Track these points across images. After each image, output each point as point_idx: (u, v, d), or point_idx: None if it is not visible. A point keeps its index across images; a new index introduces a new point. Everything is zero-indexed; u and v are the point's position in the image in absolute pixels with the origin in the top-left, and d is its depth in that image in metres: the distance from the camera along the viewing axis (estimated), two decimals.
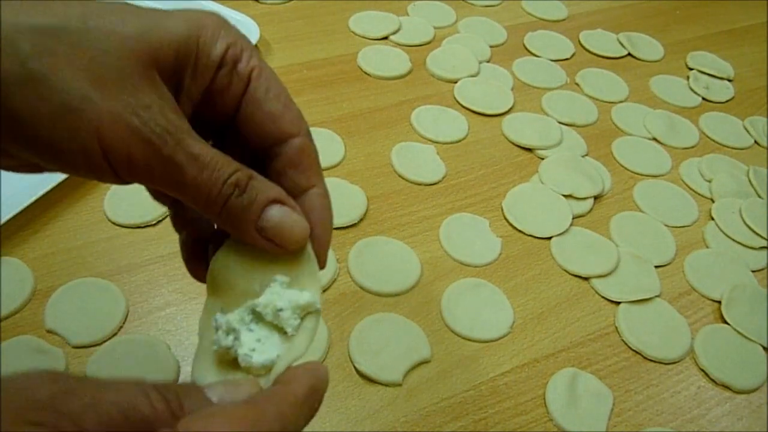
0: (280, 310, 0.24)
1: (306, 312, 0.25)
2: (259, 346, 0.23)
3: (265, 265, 0.25)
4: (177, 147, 0.22)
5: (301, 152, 0.26)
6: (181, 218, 0.29)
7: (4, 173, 0.50)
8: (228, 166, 0.23)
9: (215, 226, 0.29)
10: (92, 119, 0.21)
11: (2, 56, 0.20)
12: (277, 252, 0.25)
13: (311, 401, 0.22)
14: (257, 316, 0.24)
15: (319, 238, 0.26)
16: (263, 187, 0.24)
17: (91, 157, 0.22)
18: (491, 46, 0.74)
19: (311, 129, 0.27)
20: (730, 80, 0.76)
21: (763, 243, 0.56)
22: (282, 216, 0.24)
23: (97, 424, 0.18)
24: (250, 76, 0.25)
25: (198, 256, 0.29)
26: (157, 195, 0.29)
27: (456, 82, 0.67)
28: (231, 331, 0.23)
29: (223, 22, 0.25)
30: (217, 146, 0.26)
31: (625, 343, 0.47)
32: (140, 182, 0.23)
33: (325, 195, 0.27)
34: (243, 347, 0.23)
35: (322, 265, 0.26)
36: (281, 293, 0.24)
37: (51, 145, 0.21)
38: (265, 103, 0.25)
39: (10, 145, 0.22)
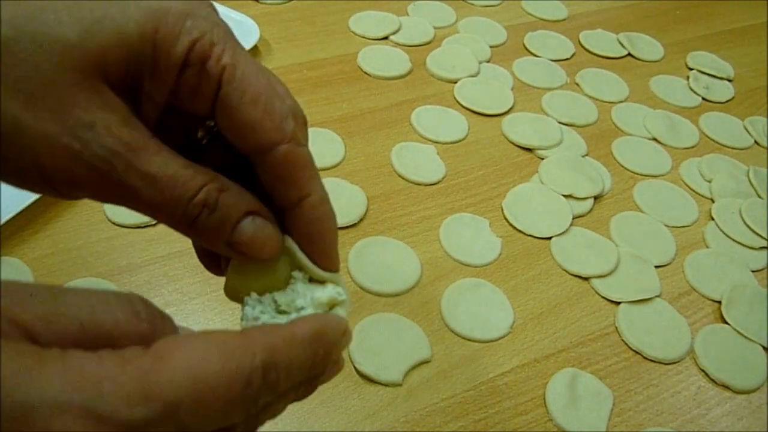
0: (302, 308, 0.23)
1: (332, 305, 0.24)
2: None
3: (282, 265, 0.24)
4: (128, 169, 0.20)
5: (286, 163, 0.22)
6: None
7: None
8: (192, 180, 0.21)
9: None
10: (26, 145, 0.19)
11: None
12: (247, 261, 0.23)
13: (314, 345, 0.20)
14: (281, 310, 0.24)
15: (324, 251, 0.24)
16: (234, 201, 0.22)
17: (36, 183, 0.20)
18: (491, 46, 0.74)
19: (311, 129, 0.26)
20: (730, 80, 0.76)
21: (763, 243, 0.56)
22: (254, 231, 0.22)
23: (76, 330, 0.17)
24: (221, 77, 0.21)
25: (209, 251, 0.27)
26: None
27: (456, 82, 0.67)
28: (260, 314, 0.23)
29: (189, 10, 0.21)
30: (202, 143, 0.25)
31: (625, 343, 0.47)
32: (99, 200, 0.22)
33: (322, 201, 0.24)
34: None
35: (335, 270, 0.25)
36: (301, 290, 0.24)
37: None
38: (240, 110, 0.21)
39: None
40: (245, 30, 0.65)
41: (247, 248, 0.22)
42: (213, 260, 0.28)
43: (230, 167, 0.24)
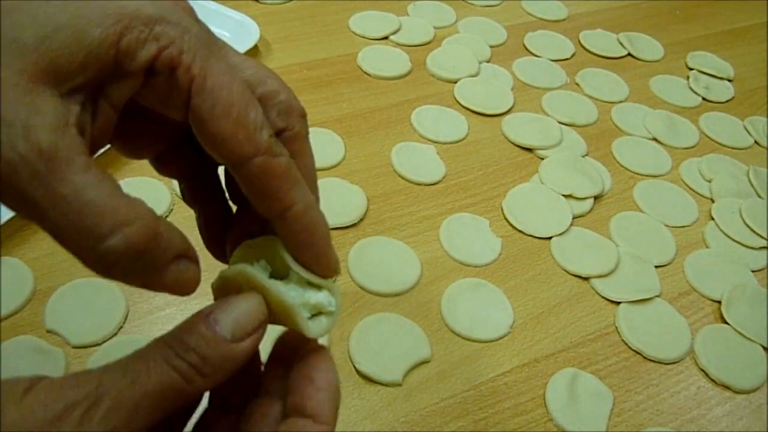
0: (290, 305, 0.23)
1: (317, 312, 0.24)
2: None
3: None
4: (33, 181, 0.18)
5: (262, 175, 0.21)
6: (192, 194, 0.27)
7: None
8: (114, 214, 0.18)
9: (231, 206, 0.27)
10: None
11: None
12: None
13: None
14: None
15: (316, 258, 0.23)
16: (162, 248, 0.20)
17: None
18: (491, 46, 0.74)
19: (311, 130, 0.26)
20: (730, 80, 0.76)
21: (763, 243, 0.56)
22: (180, 273, 0.21)
23: (144, 423, 0.19)
24: (190, 88, 0.20)
25: (215, 237, 0.27)
26: (162, 167, 0.27)
27: (456, 82, 0.67)
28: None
29: (158, 16, 0.20)
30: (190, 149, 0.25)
31: (625, 343, 0.47)
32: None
33: (307, 210, 0.23)
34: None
35: (333, 274, 0.24)
36: (295, 286, 0.24)
37: None
38: (211, 123, 0.20)
39: None
40: (245, 30, 0.65)
41: (174, 288, 0.22)
42: (220, 248, 0.27)
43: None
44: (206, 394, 0.25)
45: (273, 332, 0.24)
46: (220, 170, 0.26)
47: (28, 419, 0.17)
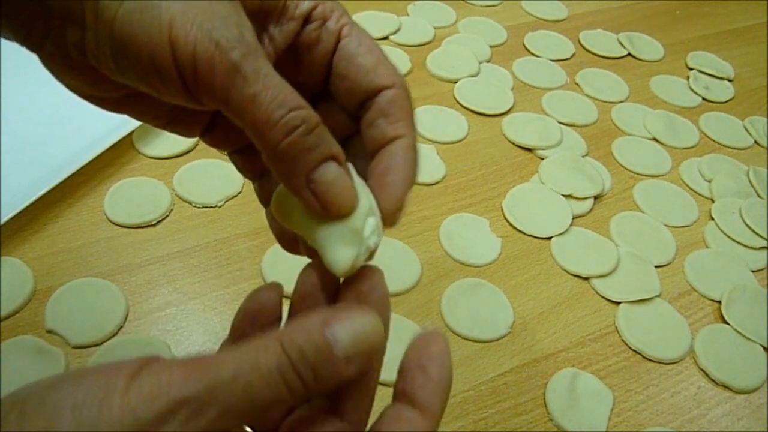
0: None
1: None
2: None
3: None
4: (245, 57, 0.21)
5: (393, 102, 0.25)
6: (266, 192, 0.28)
7: (4, 174, 0.50)
8: (298, 98, 0.22)
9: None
10: (166, 16, 0.21)
11: None
12: (316, 211, 0.23)
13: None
14: None
15: (392, 186, 0.24)
16: (329, 138, 0.22)
17: (160, 54, 0.21)
18: (491, 46, 0.74)
19: None
20: (730, 80, 0.76)
21: (763, 243, 0.56)
22: (337, 176, 0.22)
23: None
24: (340, 31, 0.25)
25: (289, 236, 0.28)
26: (243, 165, 0.29)
27: (456, 82, 0.67)
28: None
29: None
30: None
31: (625, 343, 0.47)
32: (203, 94, 0.22)
33: (411, 147, 0.25)
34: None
35: (389, 222, 0.25)
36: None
37: (127, 41, 0.21)
38: (358, 57, 0.25)
39: (98, 47, 0.22)
40: None
41: (324, 190, 0.22)
42: (292, 242, 0.28)
43: None
44: None
45: None
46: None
47: (130, 416, 0.17)
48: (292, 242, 0.28)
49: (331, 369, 0.19)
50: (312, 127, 0.22)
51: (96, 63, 0.23)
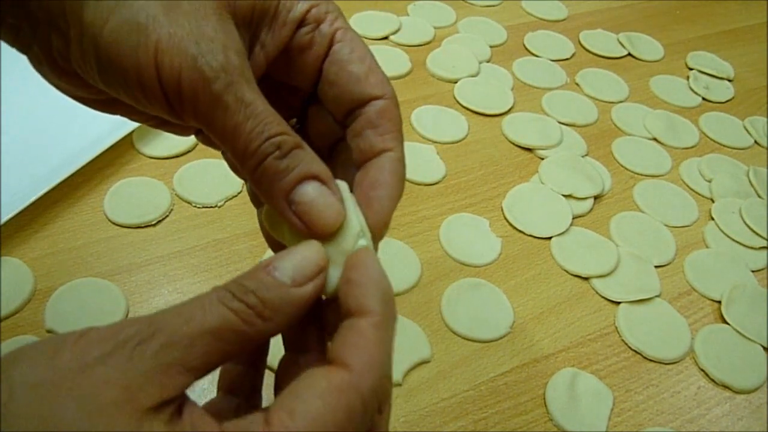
0: None
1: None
2: None
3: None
4: (228, 87, 0.21)
5: (382, 114, 0.25)
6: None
7: (4, 174, 0.50)
8: (277, 125, 0.22)
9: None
10: (152, 37, 0.21)
11: None
12: (301, 231, 0.23)
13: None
14: None
15: (379, 202, 0.24)
16: (307, 159, 0.23)
17: (145, 76, 0.21)
18: (491, 46, 0.74)
19: None
20: (730, 80, 0.76)
21: (763, 243, 0.56)
22: (317, 195, 0.23)
23: (201, 362, 0.19)
24: (333, 36, 0.25)
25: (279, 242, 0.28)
26: (236, 165, 0.29)
27: (456, 82, 0.67)
28: None
29: None
30: (298, 123, 0.27)
31: (625, 343, 0.47)
32: (187, 116, 0.23)
33: (399, 161, 0.25)
34: None
35: (376, 237, 0.24)
36: None
37: (113, 59, 0.22)
38: (349, 64, 0.25)
39: (82, 59, 0.22)
40: None
41: (304, 211, 0.22)
42: (282, 248, 0.28)
43: None
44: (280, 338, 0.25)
45: None
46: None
47: (81, 357, 0.18)
48: (282, 248, 0.28)
49: (277, 292, 0.20)
50: (287, 150, 0.22)
51: (81, 72, 0.23)
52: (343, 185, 0.24)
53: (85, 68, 0.23)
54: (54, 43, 0.23)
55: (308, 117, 0.28)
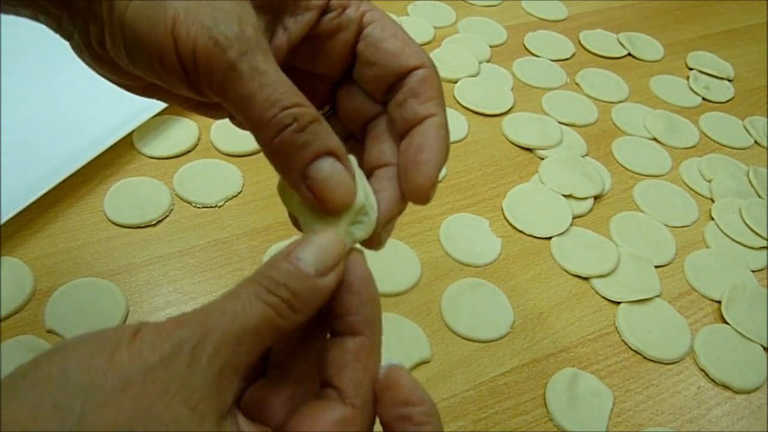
0: None
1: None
2: None
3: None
4: (242, 56, 0.21)
5: (423, 82, 0.25)
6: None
7: (4, 174, 0.50)
8: (293, 96, 0.22)
9: None
10: (170, 12, 0.21)
11: None
12: (313, 205, 0.23)
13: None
14: None
15: (426, 165, 0.24)
16: (324, 134, 0.23)
17: (164, 50, 0.22)
18: (491, 46, 0.74)
19: None
20: (730, 80, 0.76)
21: (763, 243, 0.56)
22: (332, 172, 0.23)
23: (244, 362, 0.20)
24: (362, 19, 0.25)
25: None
26: None
27: (456, 82, 0.67)
28: None
29: None
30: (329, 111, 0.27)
31: (625, 343, 0.47)
32: (204, 87, 0.23)
33: (443, 126, 0.25)
34: None
35: (423, 199, 0.25)
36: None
37: (136, 37, 0.22)
38: (384, 42, 0.25)
39: (113, 44, 0.23)
40: None
41: (319, 186, 0.23)
42: (296, 220, 0.28)
43: None
44: None
45: None
46: None
47: (139, 361, 0.18)
48: (296, 220, 0.28)
49: (305, 284, 0.21)
50: (304, 124, 0.22)
51: (115, 58, 0.24)
52: (353, 160, 0.24)
53: (116, 53, 0.23)
54: (92, 31, 0.24)
55: (338, 101, 0.28)
